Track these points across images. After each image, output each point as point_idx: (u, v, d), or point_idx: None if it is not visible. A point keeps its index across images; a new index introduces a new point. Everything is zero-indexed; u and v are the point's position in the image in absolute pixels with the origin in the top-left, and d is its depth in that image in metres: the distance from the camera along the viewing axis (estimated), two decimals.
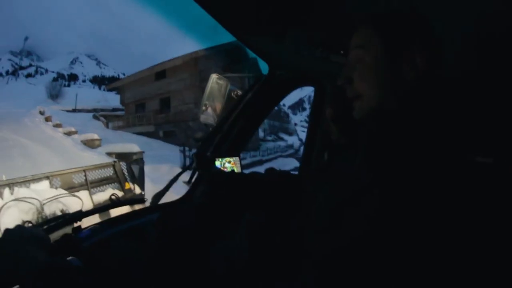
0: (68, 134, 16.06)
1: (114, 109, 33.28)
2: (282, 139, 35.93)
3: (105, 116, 28.39)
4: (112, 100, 43.57)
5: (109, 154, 11.91)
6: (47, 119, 19.78)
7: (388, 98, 0.68)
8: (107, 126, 24.89)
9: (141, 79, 23.54)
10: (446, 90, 0.71)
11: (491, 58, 1.09)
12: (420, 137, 0.62)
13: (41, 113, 22.10)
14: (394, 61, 0.68)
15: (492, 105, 0.66)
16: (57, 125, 18.03)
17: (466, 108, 0.68)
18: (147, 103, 23.66)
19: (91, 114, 29.12)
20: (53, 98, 43.42)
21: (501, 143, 0.65)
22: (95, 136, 14.87)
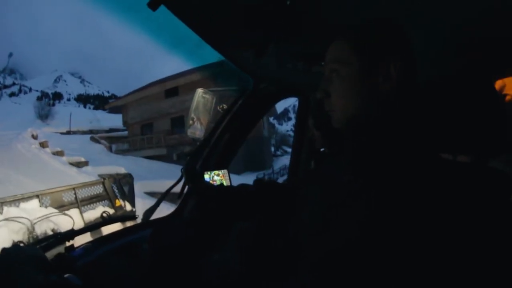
0: (77, 165, 13.90)
1: (111, 130, 32.07)
2: (286, 152, 35.57)
3: (105, 138, 26.71)
4: (105, 120, 42.17)
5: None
6: (43, 145, 16.64)
7: (364, 109, 0.70)
8: (110, 150, 23.27)
9: (146, 97, 21.94)
10: (421, 95, 0.73)
11: (466, 62, 1.15)
12: (401, 142, 0.64)
13: (34, 137, 18.83)
14: (369, 73, 0.69)
15: (468, 106, 0.70)
16: (58, 153, 15.52)
17: (442, 111, 0.72)
18: (156, 123, 21.97)
19: (87, 136, 27.56)
20: (42, 118, 41.38)
21: (478, 142, 0.68)
22: (122, 170, 12.34)
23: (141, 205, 1.83)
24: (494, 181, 0.55)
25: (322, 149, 1.46)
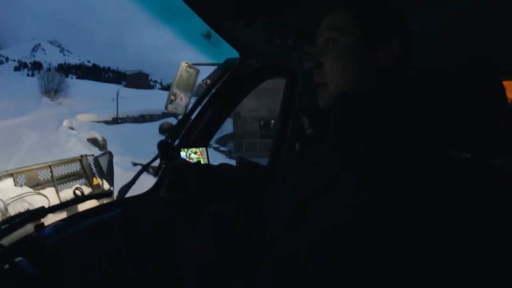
0: None
1: (164, 114, 21.45)
2: None
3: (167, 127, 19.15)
4: (132, 98, 30.60)
5: None
6: None
7: (359, 84, 0.67)
8: (230, 157, 15.62)
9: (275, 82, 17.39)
10: (422, 83, 0.69)
11: (462, 55, 1.12)
12: (395, 128, 0.59)
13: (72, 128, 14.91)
14: (370, 45, 0.67)
15: (468, 101, 0.66)
16: None
17: (442, 103, 0.68)
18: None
19: (142, 126, 20.09)
20: (50, 95, 29.19)
21: (479, 139, 0.65)
22: None
23: None
24: (493, 179, 0.52)
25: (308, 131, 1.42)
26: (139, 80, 58.63)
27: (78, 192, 1.49)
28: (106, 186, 1.82)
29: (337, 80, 0.68)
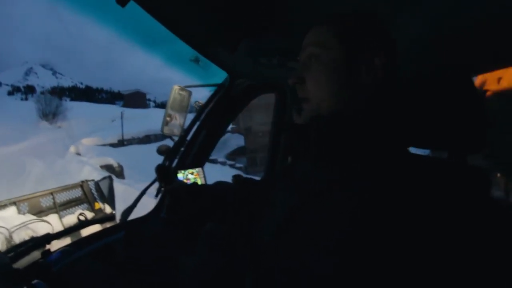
0: None
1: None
2: None
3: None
4: (133, 117, 28.60)
5: None
6: None
7: (341, 100, 0.66)
8: (246, 172, 14.44)
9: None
10: (400, 91, 0.72)
11: (446, 58, 1.15)
12: (375, 139, 0.62)
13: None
14: (352, 60, 0.66)
15: (446, 103, 0.70)
16: None
17: (420, 107, 0.71)
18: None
19: (147, 147, 17.96)
20: (48, 118, 27.52)
21: (456, 138, 0.68)
22: None
23: None
24: (471, 177, 0.54)
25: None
26: (136, 100, 57.43)
27: (82, 218, 1.53)
28: (108, 210, 1.85)
29: (319, 96, 0.68)
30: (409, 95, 0.72)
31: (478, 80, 2.18)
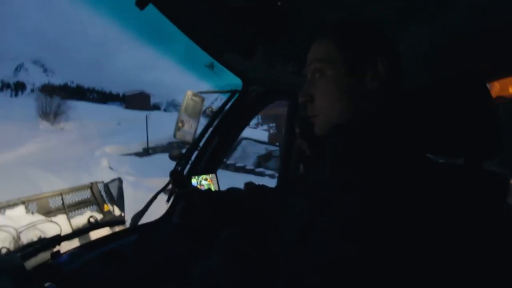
0: None
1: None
2: None
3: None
4: (130, 117, 27.12)
5: None
6: None
7: (350, 112, 0.67)
8: None
9: None
10: (414, 97, 0.72)
11: (460, 64, 1.15)
12: (389, 145, 0.62)
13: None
14: (356, 71, 0.67)
15: (461, 109, 0.69)
16: None
17: (434, 113, 0.71)
18: None
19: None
20: (48, 119, 22.65)
21: (472, 145, 0.68)
22: None
23: None
24: (489, 183, 0.54)
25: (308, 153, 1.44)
26: (140, 101, 53.11)
27: (92, 220, 1.52)
28: (117, 212, 1.84)
29: (328, 112, 0.69)
30: (425, 102, 0.72)
31: (492, 86, 2.16)
